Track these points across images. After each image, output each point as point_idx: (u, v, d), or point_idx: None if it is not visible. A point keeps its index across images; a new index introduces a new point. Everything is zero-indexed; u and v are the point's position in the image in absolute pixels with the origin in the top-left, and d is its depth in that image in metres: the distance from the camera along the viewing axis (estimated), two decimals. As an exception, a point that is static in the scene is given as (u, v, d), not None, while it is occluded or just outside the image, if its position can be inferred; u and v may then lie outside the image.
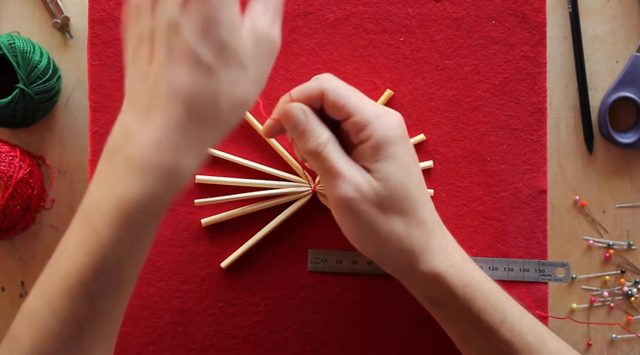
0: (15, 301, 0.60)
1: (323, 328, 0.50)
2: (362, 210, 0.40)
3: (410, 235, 0.41)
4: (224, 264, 0.50)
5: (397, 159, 0.40)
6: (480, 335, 0.42)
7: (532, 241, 0.51)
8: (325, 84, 0.41)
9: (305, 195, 0.50)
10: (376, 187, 0.40)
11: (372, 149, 0.40)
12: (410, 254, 0.41)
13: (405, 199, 0.41)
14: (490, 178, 0.51)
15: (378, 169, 0.40)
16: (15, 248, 0.60)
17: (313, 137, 0.41)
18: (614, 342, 0.60)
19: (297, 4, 0.51)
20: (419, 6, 0.51)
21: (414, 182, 0.41)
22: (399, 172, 0.40)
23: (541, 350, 0.43)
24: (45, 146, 0.60)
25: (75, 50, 0.60)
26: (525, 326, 0.43)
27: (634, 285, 0.60)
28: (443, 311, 0.44)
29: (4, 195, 0.54)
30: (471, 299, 0.42)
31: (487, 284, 0.43)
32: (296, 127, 0.41)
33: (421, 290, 0.43)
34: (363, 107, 0.41)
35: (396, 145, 0.41)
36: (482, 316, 0.42)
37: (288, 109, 0.41)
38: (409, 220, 0.41)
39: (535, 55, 0.51)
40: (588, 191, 0.61)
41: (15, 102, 0.55)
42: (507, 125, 0.51)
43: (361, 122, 0.40)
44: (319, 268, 0.51)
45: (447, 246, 0.43)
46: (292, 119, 0.41)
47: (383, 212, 0.40)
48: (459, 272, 0.42)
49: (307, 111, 0.41)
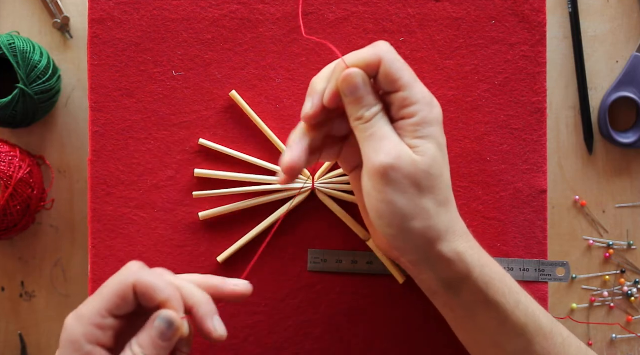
0: (15, 301, 0.60)
1: (323, 328, 0.50)
2: (398, 180, 0.40)
3: (438, 214, 0.41)
4: (220, 258, 0.50)
5: (435, 139, 0.41)
6: (494, 318, 0.43)
7: (532, 241, 0.51)
8: (384, 54, 0.41)
9: (305, 192, 0.50)
10: (416, 161, 0.40)
11: (415, 126, 0.41)
12: (434, 233, 0.41)
13: (439, 178, 0.41)
14: (490, 178, 0.51)
15: (418, 145, 0.41)
16: (15, 248, 0.60)
17: (367, 106, 0.41)
18: (614, 342, 0.60)
19: (297, 4, 0.51)
20: (419, 6, 0.51)
21: (447, 165, 0.43)
22: (436, 152, 0.41)
23: (555, 333, 0.43)
24: (45, 146, 0.60)
25: (75, 50, 0.60)
26: (538, 310, 0.44)
27: (634, 285, 0.60)
28: (458, 295, 0.43)
29: (4, 195, 0.54)
30: (488, 280, 0.42)
31: (501, 269, 0.44)
32: (354, 93, 0.41)
33: (438, 272, 0.43)
34: (414, 86, 0.41)
35: (436, 127, 0.42)
36: (498, 298, 0.42)
37: (350, 73, 0.41)
38: (439, 199, 0.41)
39: (535, 55, 0.51)
40: (588, 191, 0.61)
41: (15, 102, 0.55)
42: (507, 125, 0.51)
43: (410, 98, 0.41)
44: (319, 268, 0.51)
45: (466, 231, 0.43)
46: (353, 84, 0.41)
47: (417, 186, 0.40)
48: (478, 253, 0.43)
49: (366, 80, 0.41)
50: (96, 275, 0.50)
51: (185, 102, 0.51)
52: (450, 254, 0.42)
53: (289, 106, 0.51)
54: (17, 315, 0.60)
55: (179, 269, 0.50)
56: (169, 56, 0.51)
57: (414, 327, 0.50)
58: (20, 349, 0.60)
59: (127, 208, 0.50)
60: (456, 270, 0.42)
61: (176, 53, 0.51)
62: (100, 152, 0.50)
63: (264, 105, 0.51)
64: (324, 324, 0.50)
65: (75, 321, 0.38)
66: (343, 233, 0.50)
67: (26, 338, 0.60)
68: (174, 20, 0.51)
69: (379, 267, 0.50)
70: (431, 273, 0.44)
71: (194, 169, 0.50)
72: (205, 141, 0.50)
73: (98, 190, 0.50)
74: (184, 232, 0.50)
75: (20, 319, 0.60)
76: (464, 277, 0.42)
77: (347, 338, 0.50)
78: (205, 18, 0.51)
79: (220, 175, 0.50)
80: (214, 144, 0.50)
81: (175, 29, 0.51)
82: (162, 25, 0.51)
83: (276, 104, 0.51)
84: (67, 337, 0.38)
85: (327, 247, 0.51)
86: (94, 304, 0.38)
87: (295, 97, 0.51)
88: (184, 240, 0.50)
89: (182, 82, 0.51)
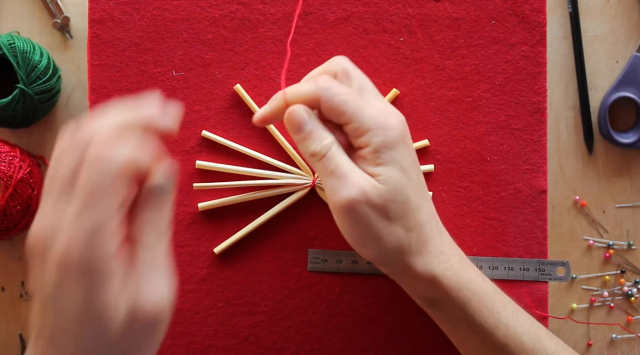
0: (15, 301, 0.60)
1: (323, 328, 0.50)
2: (364, 213, 0.39)
3: (408, 239, 0.41)
4: (217, 249, 0.50)
5: (397, 163, 0.40)
6: (474, 337, 0.43)
7: (532, 241, 0.51)
8: (322, 90, 0.40)
9: (305, 188, 0.50)
10: (380, 191, 0.40)
11: (372, 154, 0.40)
12: (407, 257, 0.41)
13: (405, 203, 0.41)
14: (490, 178, 0.51)
15: (379, 173, 0.40)
16: (15, 248, 0.60)
17: (317, 139, 0.40)
18: (614, 342, 0.60)
19: (297, 4, 0.51)
20: (419, 6, 0.51)
21: (414, 186, 0.41)
22: (399, 177, 0.40)
23: (537, 351, 0.43)
24: (45, 146, 0.60)
25: (75, 50, 0.60)
26: (521, 328, 0.43)
27: (634, 285, 0.60)
28: (439, 312, 0.44)
29: (4, 195, 0.54)
30: (466, 301, 0.42)
31: (483, 286, 0.43)
32: (300, 131, 0.40)
33: (417, 291, 0.44)
34: (362, 114, 0.40)
35: (396, 149, 0.40)
36: (477, 318, 0.42)
37: (291, 112, 0.40)
38: (408, 224, 0.41)
39: (535, 55, 0.51)
40: (588, 191, 0.61)
41: (15, 102, 0.55)
42: (507, 125, 0.51)
43: (360, 128, 0.40)
44: (319, 268, 0.51)
45: (444, 248, 0.43)
46: (295, 122, 0.40)
47: (384, 215, 0.40)
48: (455, 275, 0.42)
49: (311, 114, 0.40)
50: (96, 275, 0.50)
51: (185, 102, 0.51)
52: (425, 276, 0.42)
53: (289, 106, 0.51)
54: (17, 315, 0.60)
55: (179, 269, 0.50)
56: (169, 56, 0.51)
57: (414, 327, 0.50)
58: (20, 349, 0.60)
59: (127, 208, 0.50)
60: (433, 290, 0.42)
61: (176, 53, 0.51)
62: (100, 152, 0.50)
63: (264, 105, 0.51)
64: (324, 324, 0.50)
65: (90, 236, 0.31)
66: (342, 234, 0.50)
67: (26, 338, 0.60)
68: (174, 20, 0.51)
69: (379, 267, 0.50)
70: (410, 291, 0.44)
71: (193, 169, 0.50)
72: (208, 133, 0.50)
73: (98, 190, 0.50)
74: (184, 232, 0.50)
75: (20, 319, 0.60)
76: (440, 297, 0.42)
77: (347, 338, 0.50)
78: (205, 18, 0.51)
79: (221, 167, 0.50)
80: (216, 136, 0.50)
81: (175, 29, 0.51)
82: (162, 25, 0.51)
83: (276, 103, 0.51)
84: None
85: (327, 247, 0.51)
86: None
87: (295, 97, 0.51)
88: (184, 240, 0.50)
89: (182, 82, 0.51)
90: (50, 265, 0.31)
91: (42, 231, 0.31)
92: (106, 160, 0.31)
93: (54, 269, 0.31)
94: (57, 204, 0.32)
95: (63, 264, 0.30)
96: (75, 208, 0.31)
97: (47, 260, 0.31)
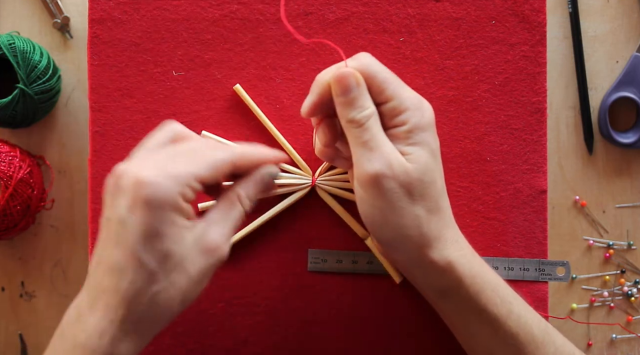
0: (15, 301, 0.60)
1: (323, 328, 0.50)
2: (390, 189, 0.40)
3: (429, 222, 0.41)
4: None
5: (427, 145, 0.41)
6: (486, 327, 0.43)
7: (532, 241, 0.51)
8: (365, 66, 0.41)
9: (305, 188, 0.50)
10: (408, 169, 0.40)
11: (406, 133, 0.41)
12: (425, 241, 0.41)
13: (431, 185, 0.41)
14: (490, 178, 0.51)
15: (410, 152, 0.40)
16: (15, 248, 0.60)
17: (360, 108, 0.40)
18: (614, 342, 0.60)
19: (297, 4, 0.51)
20: (419, 6, 0.51)
21: (440, 171, 0.42)
22: (428, 158, 0.41)
23: (546, 342, 0.43)
24: (45, 146, 0.60)
25: (75, 50, 0.60)
26: (531, 319, 0.43)
27: (634, 285, 0.60)
28: (450, 303, 0.44)
29: (4, 195, 0.54)
30: (480, 290, 0.42)
31: (495, 277, 0.44)
32: (347, 94, 0.40)
33: (430, 280, 0.43)
34: (402, 94, 0.41)
35: (427, 132, 0.41)
36: (489, 307, 0.42)
37: (343, 72, 0.40)
38: (430, 207, 0.41)
39: (535, 55, 0.51)
40: (588, 191, 0.61)
41: (15, 102, 0.55)
42: (507, 125, 0.51)
43: (399, 107, 0.41)
44: (319, 268, 0.51)
45: (458, 238, 0.43)
46: (346, 84, 0.40)
47: (409, 194, 0.40)
48: (469, 262, 0.42)
49: (361, 80, 0.40)
50: (96, 275, 0.50)
51: (185, 102, 0.51)
52: (442, 262, 0.42)
53: (289, 106, 0.51)
54: (17, 315, 0.60)
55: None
56: (169, 56, 0.51)
57: (415, 327, 0.50)
58: (20, 349, 0.60)
59: (127, 208, 0.50)
60: (447, 278, 0.42)
61: (176, 53, 0.51)
62: (100, 152, 0.50)
63: (264, 105, 0.51)
64: (324, 324, 0.50)
65: (166, 180, 0.36)
66: (343, 233, 0.50)
67: (26, 338, 0.60)
68: (174, 20, 0.51)
69: (379, 267, 0.50)
70: (423, 280, 0.44)
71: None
72: (208, 133, 0.50)
73: (98, 190, 0.50)
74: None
75: (20, 319, 0.60)
76: (455, 286, 0.42)
77: (347, 338, 0.50)
78: (205, 18, 0.51)
79: None
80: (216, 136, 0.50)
81: (175, 29, 0.51)
82: (162, 25, 0.51)
83: (276, 104, 0.51)
84: (164, 197, 0.36)
85: (327, 247, 0.51)
86: (187, 167, 0.38)
87: (295, 97, 0.51)
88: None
89: (182, 82, 0.51)
90: (136, 194, 0.36)
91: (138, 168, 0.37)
92: (212, 145, 0.40)
93: (140, 197, 0.36)
94: (154, 153, 0.39)
95: (152, 195, 0.36)
96: (175, 157, 0.38)
97: (133, 191, 0.36)
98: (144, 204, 0.36)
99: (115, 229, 0.36)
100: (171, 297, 0.37)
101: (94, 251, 0.39)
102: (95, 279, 0.37)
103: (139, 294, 0.36)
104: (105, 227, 0.38)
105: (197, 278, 0.38)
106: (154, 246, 0.36)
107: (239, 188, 0.41)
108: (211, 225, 0.39)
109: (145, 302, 0.37)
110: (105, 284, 0.37)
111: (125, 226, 0.36)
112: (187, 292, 0.38)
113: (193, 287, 0.38)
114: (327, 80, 0.41)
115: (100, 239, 0.38)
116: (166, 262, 0.37)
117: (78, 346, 0.36)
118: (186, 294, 0.38)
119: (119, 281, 0.36)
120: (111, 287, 0.36)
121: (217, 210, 0.40)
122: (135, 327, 0.37)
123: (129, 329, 0.37)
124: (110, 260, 0.37)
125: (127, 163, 0.38)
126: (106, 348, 0.36)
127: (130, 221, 0.36)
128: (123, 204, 0.36)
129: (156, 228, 0.36)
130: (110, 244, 0.37)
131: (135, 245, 0.36)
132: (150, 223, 0.36)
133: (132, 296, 0.36)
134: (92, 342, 0.36)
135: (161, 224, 0.36)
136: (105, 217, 0.38)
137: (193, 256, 0.38)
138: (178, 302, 0.38)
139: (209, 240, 0.39)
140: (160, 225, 0.36)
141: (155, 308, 0.37)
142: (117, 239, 0.36)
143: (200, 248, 0.38)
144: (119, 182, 0.37)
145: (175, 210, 0.37)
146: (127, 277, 0.36)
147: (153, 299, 0.37)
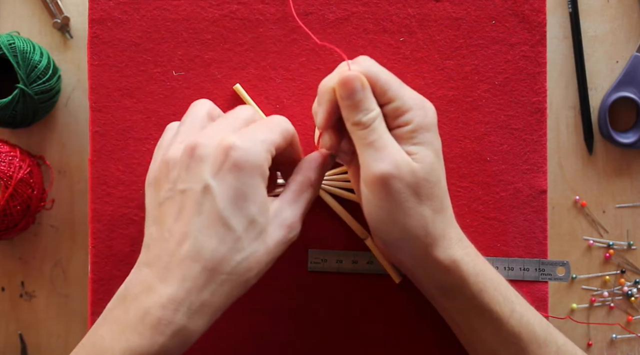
0: (15, 301, 0.60)
1: (323, 328, 0.50)
2: (397, 188, 0.40)
3: (434, 221, 0.41)
4: None
5: (431, 145, 0.41)
6: (488, 326, 0.43)
7: (532, 241, 0.51)
8: (368, 68, 0.41)
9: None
10: (415, 169, 0.40)
11: (410, 133, 0.41)
12: (431, 240, 0.41)
13: (437, 184, 0.41)
14: (490, 178, 0.51)
15: (415, 152, 0.41)
16: (15, 248, 0.60)
17: (365, 110, 0.40)
18: (614, 342, 0.60)
19: (297, 4, 0.51)
20: (419, 6, 0.51)
21: (443, 170, 0.43)
22: (433, 158, 0.41)
23: (548, 342, 0.43)
24: (45, 146, 0.60)
25: (75, 50, 0.60)
26: (533, 318, 0.43)
27: (634, 285, 0.60)
28: (453, 301, 0.44)
29: (4, 195, 0.54)
30: (483, 288, 0.42)
31: (497, 276, 0.44)
32: (353, 97, 0.40)
33: (434, 278, 0.43)
34: (404, 93, 0.41)
35: (431, 132, 0.41)
36: (492, 306, 0.42)
37: (349, 75, 0.40)
38: (435, 206, 0.41)
39: (535, 55, 0.51)
40: (588, 191, 0.61)
41: (15, 102, 0.55)
42: (507, 125, 0.51)
43: (402, 107, 0.41)
44: (319, 268, 0.51)
45: (461, 237, 0.43)
46: (351, 87, 0.40)
47: (415, 194, 0.40)
48: (473, 261, 0.43)
49: (365, 83, 0.40)
50: (96, 275, 0.50)
51: (185, 102, 0.51)
52: (447, 261, 0.42)
53: (289, 106, 0.51)
54: (17, 315, 0.60)
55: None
56: (169, 56, 0.51)
57: (415, 327, 0.50)
58: (20, 349, 0.60)
59: (127, 208, 0.50)
60: (451, 276, 0.42)
61: (176, 53, 0.51)
62: (100, 152, 0.50)
63: (264, 105, 0.51)
64: (324, 323, 0.50)
65: (255, 145, 0.37)
66: (343, 233, 0.50)
67: (26, 338, 0.60)
68: (174, 20, 0.51)
69: (379, 267, 0.50)
70: (427, 279, 0.44)
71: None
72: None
73: (98, 190, 0.50)
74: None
75: (20, 319, 0.60)
76: (459, 284, 0.42)
77: (347, 338, 0.50)
78: (205, 18, 0.51)
79: None
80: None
81: (175, 29, 0.51)
82: (162, 25, 0.51)
83: (276, 104, 0.51)
84: (255, 160, 0.37)
85: (327, 247, 0.51)
86: (267, 135, 0.38)
87: (295, 97, 0.51)
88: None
89: (182, 82, 0.51)
90: (225, 158, 0.36)
91: (214, 137, 0.37)
92: (285, 121, 0.41)
93: (230, 161, 0.36)
94: (214, 126, 0.39)
95: (242, 158, 0.36)
96: (248, 125, 0.39)
97: (221, 155, 0.37)
98: (233, 168, 0.36)
99: (195, 199, 0.36)
100: (250, 267, 0.37)
101: (147, 231, 0.39)
102: (164, 251, 0.37)
103: (222, 261, 0.36)
104: (173, 202, 0.37)
105: (273, 251, 0.38)
106: (242, 210, 0.36)
107: (309, 172, 0.42)
108: (285, 205, 0.40)
109: (227, 270, 0.36)
110: (181, 255, 0.36)
111: (210, 192, 0.36)
112: (263, 265, 0.38)
113: (269, 260, 0.38)
114: (331, 86, 0.41)
115: (167, 214, 0.37)
116: (251, 229, 0.37)
117: (149, 318, 0.36)
118: (261, 267, 0.38)
119: (200, 250, 0.36)
120: (190, 256, 0.36)
121: (290, 191, 0.41)
122: (212, 300, 0.36)
123: (206, 301, 0.36)
124: (187, 229, 0.36)
125: (195, 136, 0.38)
126: (180, 319, 0.36)
127: (217, 186, 0.36)
128: (206, 170, 0.36)
129: (245, 192, 0.36)
130: (187, 214, 0.36)
131: (224, 210, 0.36)
132: (239, 187, 0.36)
133: (215, 264, 0.36)
134: (167, 314, 0.36)
135: (250, 188, 0.36)
136: (178, 190, 0.37)
137: (273, 228, 0.38)
138: (254, 274, 0.38)
139: (286, 216, 0.39)
140: (249, 189, 0.36)
141: (234, 278, 0.37)
142: (198, 208, 0.36)
143: (280, 222, 0.39)
144: (196, 152, 0.37)
145: (261, 176, 0.37)
146: (210, 244, 0.36)
147: (235, 268, 0.37)
